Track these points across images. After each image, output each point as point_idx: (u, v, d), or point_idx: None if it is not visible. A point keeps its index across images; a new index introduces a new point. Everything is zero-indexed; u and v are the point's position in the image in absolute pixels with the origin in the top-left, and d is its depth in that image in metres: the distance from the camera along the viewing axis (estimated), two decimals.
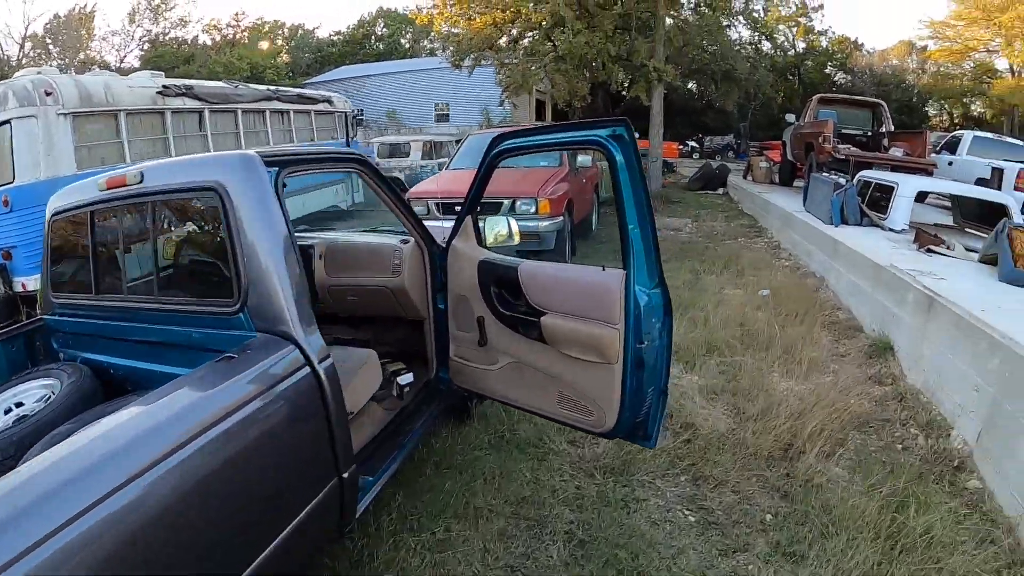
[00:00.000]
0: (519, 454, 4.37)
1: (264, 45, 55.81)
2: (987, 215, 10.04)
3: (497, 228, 3.88)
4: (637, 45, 16.90)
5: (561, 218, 8.63)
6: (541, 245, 8.42)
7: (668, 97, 20.77)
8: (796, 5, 41.55)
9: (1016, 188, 14.06)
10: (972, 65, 43.80)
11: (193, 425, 2.13)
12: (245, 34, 56.59)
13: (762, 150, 36.37)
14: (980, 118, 44.91)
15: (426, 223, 3.96)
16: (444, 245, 3.85)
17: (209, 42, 54.48)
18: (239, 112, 11.95)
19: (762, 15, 31.10)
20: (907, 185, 9.60)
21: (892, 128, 16.57)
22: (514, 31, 19.07)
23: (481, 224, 3.83)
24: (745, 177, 21.11)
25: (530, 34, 19.26)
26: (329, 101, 15.57)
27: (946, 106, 48.40)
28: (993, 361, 4.40)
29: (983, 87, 43.04)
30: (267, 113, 12.86)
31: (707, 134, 46.90)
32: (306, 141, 14.16)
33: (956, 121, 46.64)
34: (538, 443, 4.46)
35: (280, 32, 59.86)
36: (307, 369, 2.65)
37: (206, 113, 11.05)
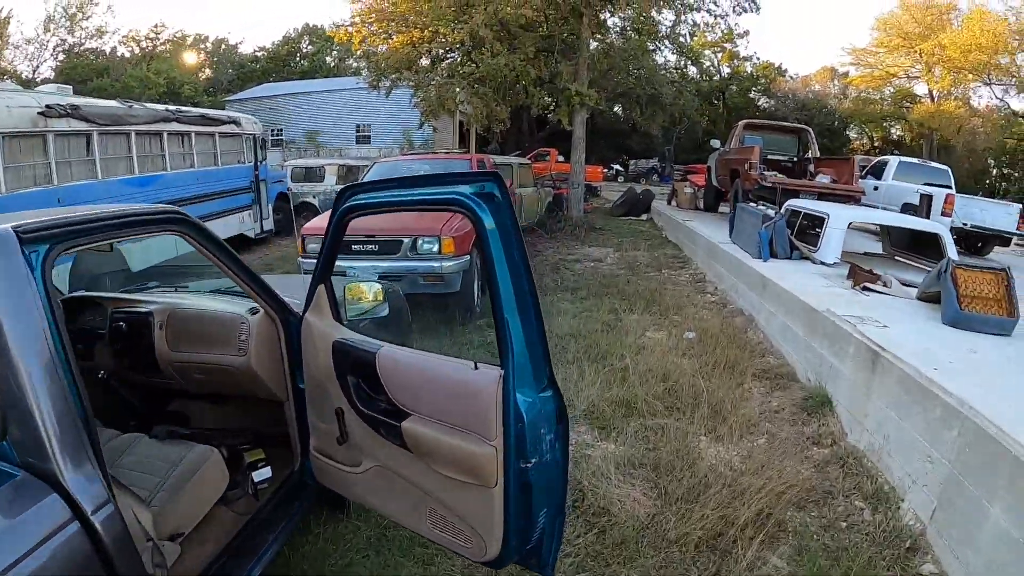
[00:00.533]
0: (401, 557, 3.64)
1: (193, 59, 54.01)
2: (917, 243, 9.76)
3: (359, 296, 3.19)
4: (560, 68, 16.39)
5: (467, 257, 7.88)
6: (446, 287, 7.72)
7: (593, 120, 20.35)
8: (722, 31, 41.91)
9: (943, 214, 14.01)
10: (892, 91, 44.91)
11: None
12: (167, 47, 54.56)
13: (686, 174, 36.50)
14: (899, 141, 45.94)
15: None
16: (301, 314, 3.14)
17: (128, 54, 52.35)
18: (132, 135, 11.01)
19: (688, 40, 31.21)
20: (838, 217, 9.19)
21: (818, 153, 16.44)
22: (434, 52, 18.34)
23: (341, 291, 3.13)
24: (670, 203, 20.85)
25: (451, 55, 18.63)
26: (236, 122, 14.61)
27: (867, 130, 49.37)
28: (950, 432, 3.86)
29: (903, 112, 44.00)
30: (164, 136, 11.93)
31: (632, 157, 47.01)
32: (209, 166, 13.25)
33: (876, 145, 47.68)
34: (425, 542, 3.73)
35: (204, 46, 57.93)
36: (76, 525, 1.88)
37: (95, 136, 10.11)
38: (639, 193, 22.79)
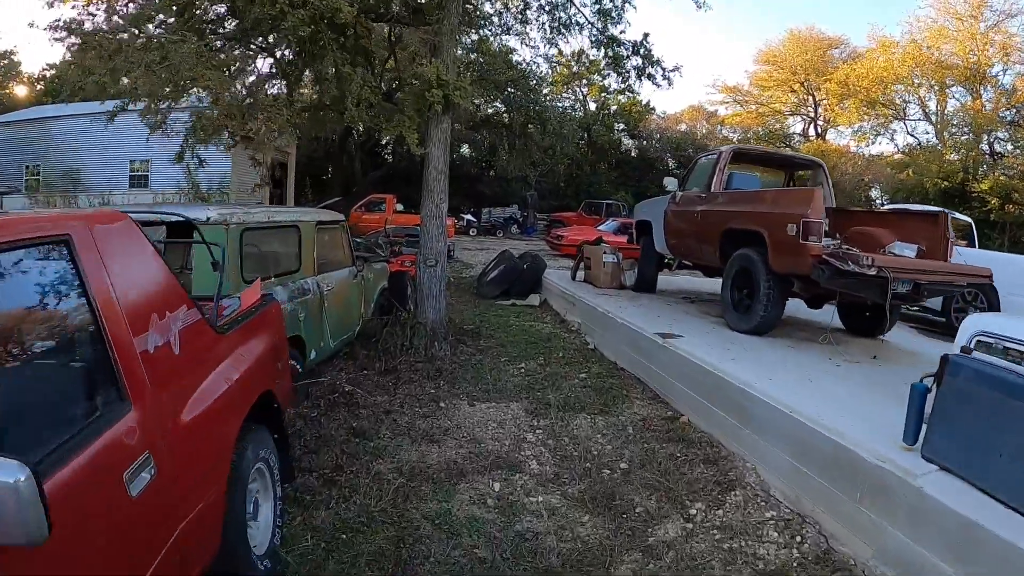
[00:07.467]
0: None
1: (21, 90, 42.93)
2: None
3: None
4: (409, 40, 8.62)
5: None
6: None
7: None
8: (586, 63, 36.73)
9: None
10: (763, 130, 41.68)
11: None
12: None
13: (551, 224, 29.96)
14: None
15: None
16: None
17: None
18: None
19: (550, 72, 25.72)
20: None
21: (834, 202, 9.94)
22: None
23: None
24: (574, 277, 13.52)
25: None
26: None
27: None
28: None
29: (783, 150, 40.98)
30: None
31: (483, 205, 39.92)
32: None
33: None
34: None
35: None
36: None
37: None
38: (521, 261, 14.13)
